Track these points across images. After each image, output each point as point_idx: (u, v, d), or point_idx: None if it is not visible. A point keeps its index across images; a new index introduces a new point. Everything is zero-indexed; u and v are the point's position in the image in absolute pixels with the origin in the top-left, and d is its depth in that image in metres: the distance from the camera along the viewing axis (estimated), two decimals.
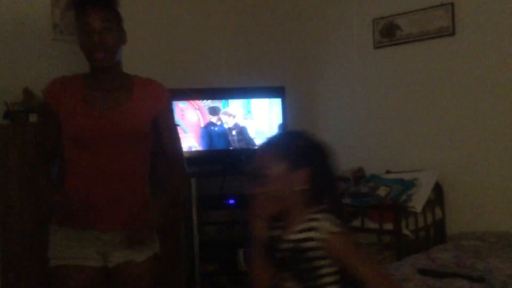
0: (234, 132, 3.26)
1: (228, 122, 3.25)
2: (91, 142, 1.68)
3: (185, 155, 3.02)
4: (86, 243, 1.70)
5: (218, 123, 3.24)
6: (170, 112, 1.86)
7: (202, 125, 3.23)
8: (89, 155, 1.69)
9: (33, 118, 2.46)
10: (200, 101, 3.24)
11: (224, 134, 3.25)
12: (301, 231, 1.34)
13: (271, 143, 1.46)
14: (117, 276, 1.74)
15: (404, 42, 3.19)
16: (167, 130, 1.83)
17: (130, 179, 1.74)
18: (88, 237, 1.70)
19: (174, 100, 3.13)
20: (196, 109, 3.23)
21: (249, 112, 3.31)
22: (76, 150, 1.71)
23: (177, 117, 3.13)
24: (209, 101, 3.24)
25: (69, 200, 1.65)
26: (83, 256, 1.70)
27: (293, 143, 1.41)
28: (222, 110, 3.25)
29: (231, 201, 3.23)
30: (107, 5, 1.69)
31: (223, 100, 3.27)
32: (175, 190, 1.87)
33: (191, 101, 3.22)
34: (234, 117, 3.26)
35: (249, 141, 3.28)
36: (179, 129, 2.88)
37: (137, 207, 1.72)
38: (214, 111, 3.25)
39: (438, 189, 3.05)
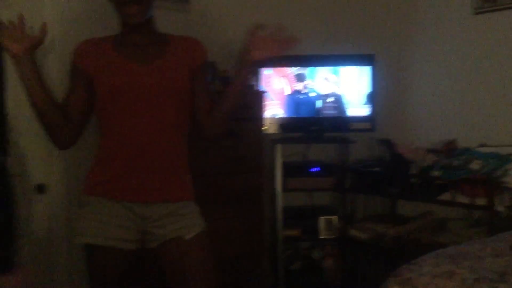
0: (330, 99, 3.22)
1: (325, 89, 3.22)
2: (127, 97, 1.54)
3: (270, 121, 3.14)
4: (124, 219, 1.55)
5: (305, 90, 3.22)
6: (206, 73, 1.73)
7: (288, 92, 3.23)
8: (126, 113, 1.55)
9: None
10: (286, 68, 3.23)
11: (311, 101, 3.23)
12: None
13: None
14: (161, 254, 1.61)
15: (509, 7, 2.94)
16: (204, 92, 1.69)
17: (172, 141, 1.60)
18: (125, 211, 1.56)
19: (260, 68, 3.19)
20: (281, 76, 3.23)
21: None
22: (112, 109, 1.57)
23: (263, 85, 3.16)
24: (295, 68, 3.22)
25: (105, 165, 1.56)
26: (121, 237, 1.55)
27: None
28: (322, 77, 3.22)
29: (315, 169, 3.23)
30: None
31: (309, 68, 3.23)
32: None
33: (277, 69, 3.22)
34: (333, 84, 3.22)
35: (342, 110, 3.24)
36: (266, 97, 2.95)
37: (180, 177, 1.62)
38: (300, 78, 3.23)
39: None
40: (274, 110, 3.22)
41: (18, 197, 2.25)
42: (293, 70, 3.22)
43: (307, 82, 3.22)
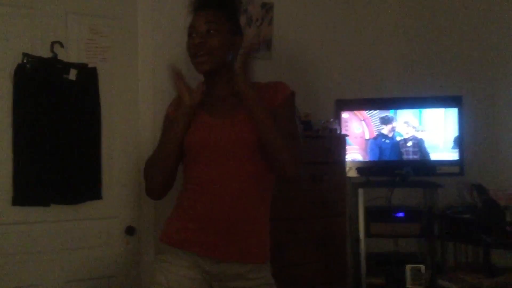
0: (409, 143, 3.14)
1: (406, 133, 3.15)
2: (206, 152, 1.55)
3: (353, 165, 3.10)
4: (196, 272, 1.53)
5: (390, 134, 3.16)
6: (288, 109, 1.59)
7: (367, 137, 3.18)
8: (205, 167, 1.55)
9: None
10: (367, 112, 3.19)
11: (395, 145, 3.16)
12: None
13: None
14: None
15: None
16: (285, 121, 1.56)
17: (250, 198, 1.54)
18: (197, 265, 1.53)
19: (340, 110, 3.19)
20: (361, 120, 3.20)
21: (420, 123, 3.17)
22: (193, 162, 1.59)
23: (343, 128, 3.15)
24: (378, 111, 3.18)
25: (183, 219, 1.56)
26: None
27: None
28: (402, 121, 3.16)
29: (400, 214, 3.12)
30: (218, 5, 1.59)
31: (392, 111, 3.18)
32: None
33: (356, 112, 3.20)
34: (413, 128, 3.15)
35: (425, 154, 3.14)
36: (347, 141, 2.92)
37: (255, 237, 1.55)
38: (386, 121, 3.18)
39: None
40: (355, 153, 3.17)
41: (110, 238, 2.38)
42: (377, 113, 3.18)
43: (393, 125, 3.16)
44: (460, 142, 3.12)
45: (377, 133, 3.18)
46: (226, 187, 1.52)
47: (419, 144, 3.14)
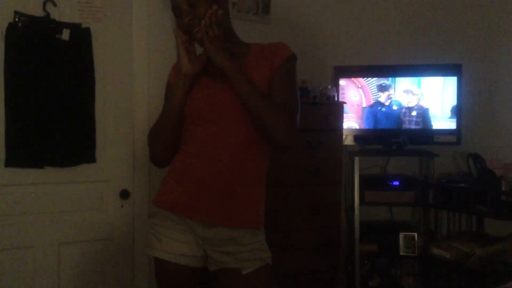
0: (414, 113, 3.11)
1: (408, 102, 3.11)
2: (202, 116, 1.53)
3: (350, 133, 3.08)
4: (188, 236, 1.53)
5: (387, 102, 3.13)
6: (289, 69, 1.55)
7: (364, 105, 3.15)
8: (202, 131, 1.53)
9: None
10: (365, 79, 3.15)
11: (393, 113, 3.13)
12: None
13: None
14: (217, 281, 1.55)
15: None
16: (280, 87, 1.52)
17: (247, 163, 1.53)
18: (189, 228, 1.53)
19: (338, 77, 3.15)
20: (359, 87, 3.16)
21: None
22: (192, 126, 1.57)
23: (340, 96, 3.11)
24: (376, 79, 3.14)
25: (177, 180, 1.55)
26: (186, 254, 1.54)
27: None
28: (402, 89, 3.12)
29: (395, 183, 3.12)
30: None
31: (390, 78, 3.13)
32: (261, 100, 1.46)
33: (354, 79, 3.16)
34: (416, 96, 3.11)
35: (427, 123, 3.11)
36: (344, 108, 2.89)
37: (250, 202, 1.53)
38: (383, 88, 3.14)
39: None
40: (351, 122, 3.15)
41: (104, 201, 2.37)
42: (375, 81, 3.14)
43: (390, 93, 3.13)
44: (458, 111, 3.09)
45: (374, 101, 3.15)
46: (221, 149, 1.51)
47: (423, 114, 3.11)
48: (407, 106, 3.12)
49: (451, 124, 3.10)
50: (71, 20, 2.25)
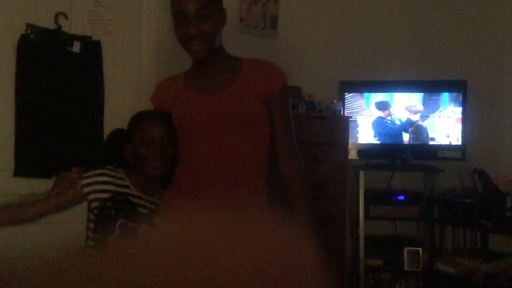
0: (412, 128, 3.13)
1: (408, 117, 3.14)
2: (198, 128, 1.51)
3: (355, 147, 3.10)
4: None
5: (388, 118, 3.15)
6: (286, 98, 1.58)
7: (370, 119, 3.17)
8: (196, 144, 1.52)
9: None
10: (371, 94, 3.18)
11: (397, 128, 3.15)
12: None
13: None
14: None
15: None
16: (281, 118, 1.56)
17: (245, 172, 1.52)
18: None
19: (344, 92, 3.17)
20: (364, 102, 3.18)
21: (424, 107, 3.15)
22: (184, 140, 1.56)
23: (347, 110, 3.14)
24: (377, 94, 3.16)
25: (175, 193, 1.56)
26: None
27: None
28: (405, 104, 3.15)
29: (400, 197, 3.12)
30: None
31: (391, 94, 3.16)
32: (306, 222, 1.54)
33: (362, 94, 3.18)
34: (416, 112, 3.13)
35: (426, 139, 3.13)
36: (350, 122, 2.92)
37: (252, 211, 1.54)
38: (383, 106, 3.16)
39: None
40: (358, 136, 3.17)
41: None
42: (379, 96, 3.17)
43: (393, 108, 3.15)
44: (463, 127, 3.11)
45: (379, 116, 3.17)
46: (219, 162, 1.51)
47: (420, 130, 3.13)
48: (410, 121, 3.14)
49: (456, 139, 3.11)
50: (82, 32, 2.30)
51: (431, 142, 3.14)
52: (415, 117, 3.14)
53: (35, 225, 1.72)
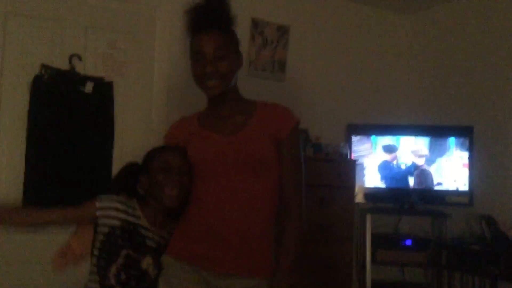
0: (418, 172, 3.13)
1: (413, 161, 3.14)
2: (209, 168, 1.54)
3: (361, 190, 3.09)
4: (201, 285, 1.52)
5: (394, 162, 3.16)
6: (295, 142, 1.61)
7: (376, 163, 3.18)
8: (210, 184, 1.54)
9: None
10: (377, 137, 3.20)
11: (404, 172, 3.15)
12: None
13: None
14: None
15: None
16: (289, 160, 1.59)
17: (256, 213, 1.54)
18: (204, 280, 1.53)
19: (351, 135, 3.20)
20: (369, 144, 3.20)
21: (430, 152, 3.16)
22: (197, 180, 1.57)
23: (353, 154, 3.15)
24: (384, 137, 3.18)
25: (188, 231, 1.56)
26: None
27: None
28: (410, 149, 3.16)
29: (408, 242, 3.09)
30: (223, 29, 1.56)
31: (397, 137, 3.17)
32: (292, 248, 1.55)
33: (368, 137, 3.20)
34: (421, 157, 3.14)
35: (432, 184, 3.13)
36: (358, 164, 2.93)
37: (261, 251, 1.54)
38: (390, 149, 3.18)
39: None
40: (364, 180, 3.17)
41: None
42: (385, 140, 3.18)
43: (400, 152, 3.16)
44: (470, 173, 3.10)
45: (384, 160, 3.18)
46: (231, 203, 1.52)
47: (425, 174, 3.13)
48: (415, 165, 3.14)
49: (464, 185, 3.10)
50: (95, 73, 2.36)
51: (438, 187, 3.13)
52: (420, 161, 3.14)
53: None
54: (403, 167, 3.16)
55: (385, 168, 3.17)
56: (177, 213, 1.63)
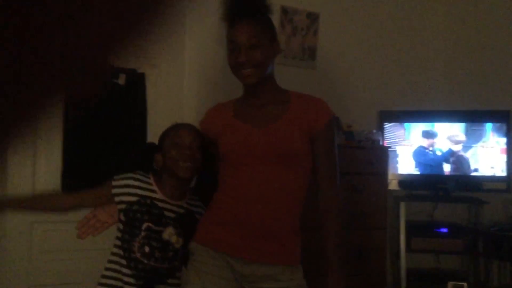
0: (452, 159, 3.07)
1: (450, 148, 3.08)
2: (242, 159, 1.57)
3: (395, 177, 3.05)
4: (226, 271, 1.56)
5: (430, 148, 3.10)
6: (330, 136, 1.63)
7: (410, 149, 3.13)
8: (241, 174, 1.58)
9: None
10: (411, 124, 3.14)
11: (439, 159, 3.09)
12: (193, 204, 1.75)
13: None
14: None
15: None
16: (324, 155, 1.60)
17: (283, 204, 1.57)
18: (228, 265, 1.56)
19: (383, 122, 3.15)
20: (403, 131, 3.15)
21: (466, 138, 3.09)
22: (229, 169, 1.62)
23: (387, 140, 3.11)
24: (418, 124, 3.13)
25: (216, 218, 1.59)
26: None
27: None
28: (447, 134, 3.10)
29: (443, 230, 3.04)
30: (257, 17, 1.58)
31: (433, 124, 3.11)
32: (335, 259, 1.59)
33: (403, 124, 3.15)
34: (456, 144, 3.07)
35: (469, 170, 3.06)
36: (390, 152, 2.89)
37: (286, 240, 1.57)
38: (429, 135, 3.12)
39: None
40: (398, 167, 3.13)
41: None
42: (421, 126, 3.13)
43: (436, 139, 3.10)
44: (507, 158, 3.02)
45: (420, 146, 3.13)
46: (258, 192, 1.55)
47: (462, 161, 3.06)
48: (452, 151, 3.08)
49: (501, 171, 3.02)
50: (127, 65, 2.39)
51: (474, 173, 3.07)
52: (456, 148, 3.08)
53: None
54: (438, 153, 3.10)
55: (421, 155, 3.11)
56: (200, 192, 1.75)
